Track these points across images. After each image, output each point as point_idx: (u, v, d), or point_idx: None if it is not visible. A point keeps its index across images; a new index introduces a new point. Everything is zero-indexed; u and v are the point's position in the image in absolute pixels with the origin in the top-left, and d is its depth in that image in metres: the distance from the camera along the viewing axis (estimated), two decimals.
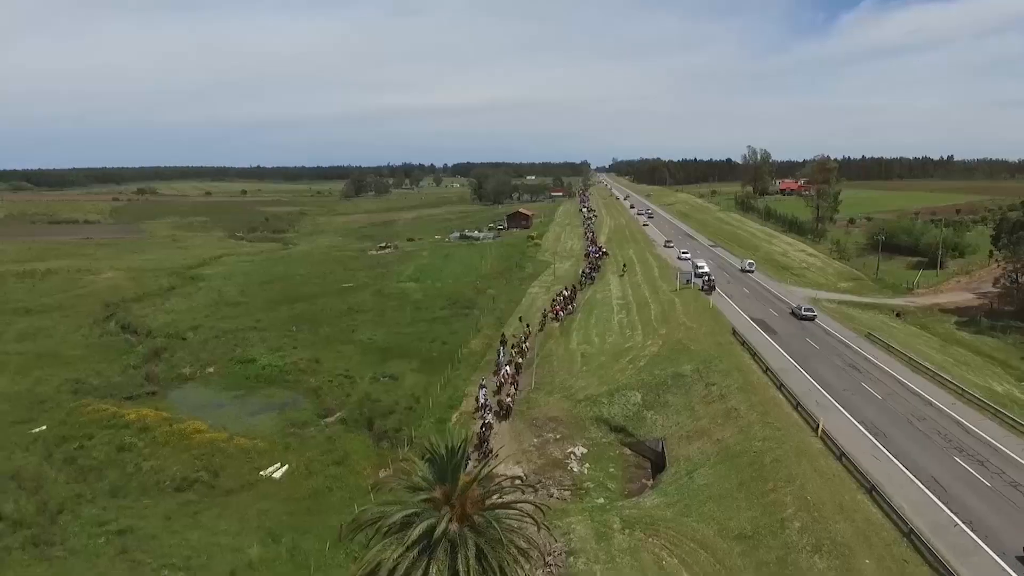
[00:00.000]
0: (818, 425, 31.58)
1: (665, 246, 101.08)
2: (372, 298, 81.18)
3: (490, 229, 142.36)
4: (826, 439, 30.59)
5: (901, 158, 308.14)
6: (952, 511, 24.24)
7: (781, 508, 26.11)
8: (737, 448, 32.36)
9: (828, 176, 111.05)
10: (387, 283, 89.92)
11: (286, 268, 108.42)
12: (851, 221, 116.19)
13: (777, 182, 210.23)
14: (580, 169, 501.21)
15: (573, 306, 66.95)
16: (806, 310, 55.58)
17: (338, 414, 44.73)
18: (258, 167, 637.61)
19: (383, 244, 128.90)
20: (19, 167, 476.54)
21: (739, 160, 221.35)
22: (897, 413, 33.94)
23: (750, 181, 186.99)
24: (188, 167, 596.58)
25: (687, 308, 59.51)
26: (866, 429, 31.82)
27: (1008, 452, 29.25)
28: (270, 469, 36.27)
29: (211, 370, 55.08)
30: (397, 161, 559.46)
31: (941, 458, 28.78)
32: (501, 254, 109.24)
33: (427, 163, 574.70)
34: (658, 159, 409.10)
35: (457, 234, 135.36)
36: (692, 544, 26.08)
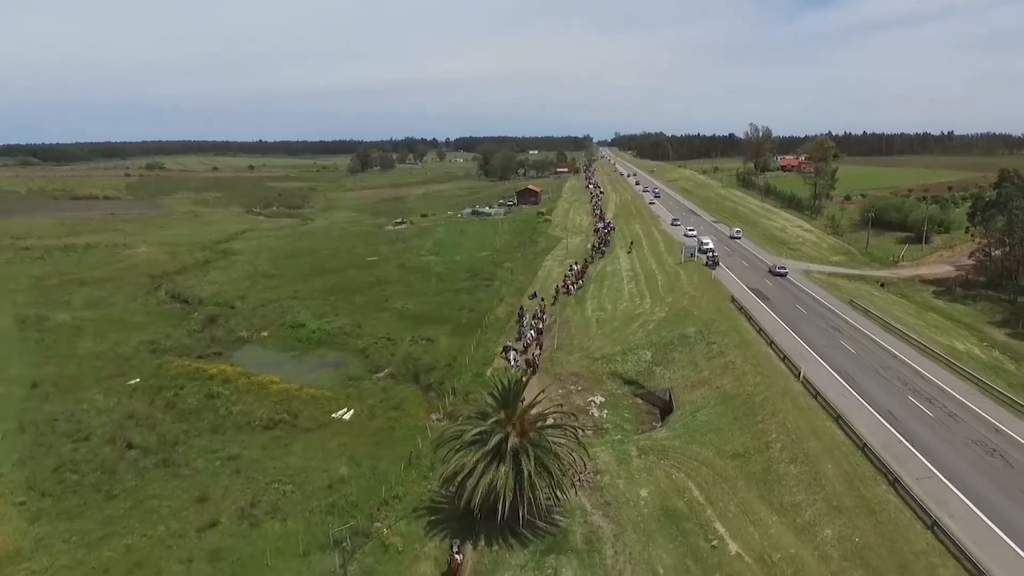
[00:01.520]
0: (799, 372, 38.25)
1: (672, 224, 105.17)
2: (397, 271, 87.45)
3: (500, 205, 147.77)
4: (806, 383, 37.28)
5: (902, 134, 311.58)
6: (899, 432, 31.00)
7: (766, 434, 32.85)
8: (733, 392, 39.05)
9: (825, 154, 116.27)
10: (409, 257, 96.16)
11: (310, 243, 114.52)
12: (847, 198, 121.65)
13: (778, 158, 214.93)
14: (583, 143, 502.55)
15: (583, 281, 73.08)
16: (779, 268, 68.09)
17: (387, 370, 51.34)
18: (260, 141, 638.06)
19: (399, 220, 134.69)
20: (21, 142, 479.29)
21: (741, 135, 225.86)
22: (866, 364, 40.62)
23: (751, 158, 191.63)
24: (190, 141, 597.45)
25: (691, 279, 65.89)
26: (839, 375, 38.52)
27: (952, 392, 35.97)
28: (339, 412, 43.01)
29: (265, 334, 61.66)
30: (398, 135, 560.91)
31: (897, 396, 35.49)
32: (513, 229, 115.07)
33: (429, 137, 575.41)
34: (661, 133, 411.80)
35: (469, 210, 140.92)
36: (696, 463, 32.85)
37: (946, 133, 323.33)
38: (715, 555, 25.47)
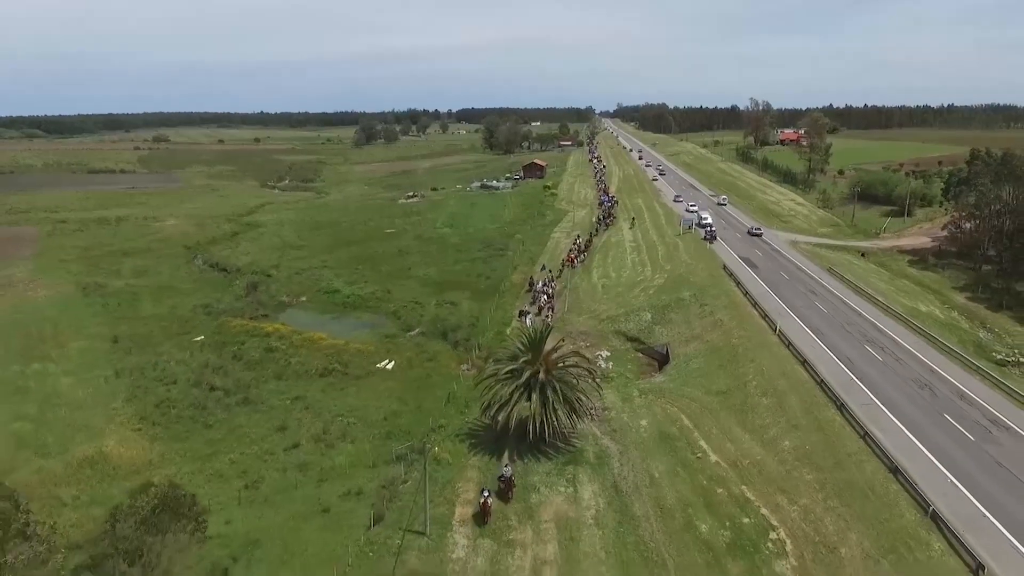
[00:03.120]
0: (776, 327, 45.08)
1: (675, 201, 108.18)
2: (415, 242, 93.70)
3: (507, 179, 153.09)
4: (781, 336, 44.17)
5: (902, 107, 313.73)
6: (852, 372, 38.00)
7: (745, 376, 39.84)
8: (720, 345, 45.96)
9: (820, 130, 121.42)
10: (425, 229, 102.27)
11: (329, 216, 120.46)
12: (840, 172, 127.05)
13: (779, 131, 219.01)
14: (585, 115, 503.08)
15: (585, 255, 79.05)
16: (755, 229, 78.59)
17: (418, 329, 58.18)
18: (261, 112, 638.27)
19: (411, 194, 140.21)
20: (23, 113, 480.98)
21: (743, 108, 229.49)
22: (835, 321, 47.49)
23: (752, 131, 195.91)
24: (192, 113, 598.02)
25: (688, 249, 72.38)
26: (810, 330, 45.43)
27: (903, 343, 42.89)
28: (383, 363, 50.00)
29: (304, 299, 68.43)
30: (400, 106, 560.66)
31: (856, 346, 42.41)
32: (521, 203, 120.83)
33: (431, 108, 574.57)
34: (663, 105, 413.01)
35: (478, 183, 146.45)
36: (687, 400, 39.90)
37: (946, 106, 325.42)
38: (699, 463, 32.58)
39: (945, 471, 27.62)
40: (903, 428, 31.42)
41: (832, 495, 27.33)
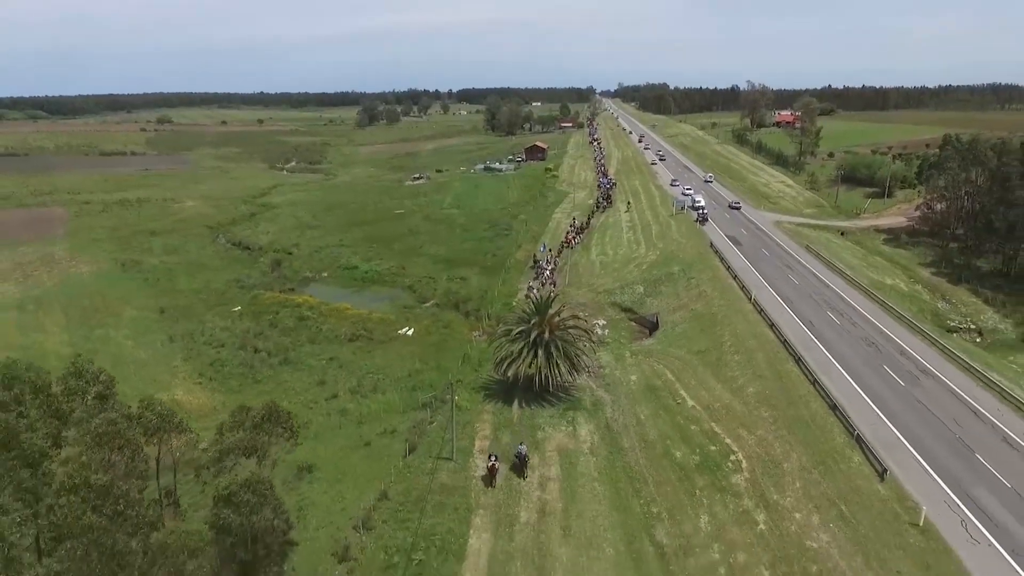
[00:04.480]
0: (751, 296, 51.12)
1: (671, 184, 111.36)
2: (424, 223, 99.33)
3: (510, 161, 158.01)
4: (755, 304, 50.22)
5: (899, 87, 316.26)
6: (812, 333, 44.15)
7: (721, 337, 45.97)
8: (702, 312, 52.03)
9: (811, 115, 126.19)
10: (433, 210, 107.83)
11: (339, 197, 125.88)
12: (830, 155, 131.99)
13: (776, 113, 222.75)
14: (586, 95, 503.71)
15: (582, 236, 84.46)
16: (735, 203, 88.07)
17: (433, 301, 64.29)
18: (261, 93, 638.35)
19: (416, 176, 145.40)
20: (24, 94, 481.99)
21: (743, 88, 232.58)
22: (804, 291, 53.55)
23: (748, 114, 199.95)
24: (193, 93, 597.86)
25: (680, 228, 78.13)
26: (781, 299, 51.51)
27: (860, 310, 48.99)
28: (403, 330, 56.18)
29: (325, 274, 74.46)
30: (400, 86, 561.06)
31: (819, 312, 48.52)
32: (524, 184, 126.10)
33: (431, 88, 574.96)
34: (664, 85, 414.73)
35: (481, 166, 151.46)
36: (671, 358, 46.03)
37: (943, 86, 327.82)
38: (678, 408, 38.79)
39: (874, 407, 33.84)
40: (847, 376, 37.62)
41: (782, 427, 33.59)
